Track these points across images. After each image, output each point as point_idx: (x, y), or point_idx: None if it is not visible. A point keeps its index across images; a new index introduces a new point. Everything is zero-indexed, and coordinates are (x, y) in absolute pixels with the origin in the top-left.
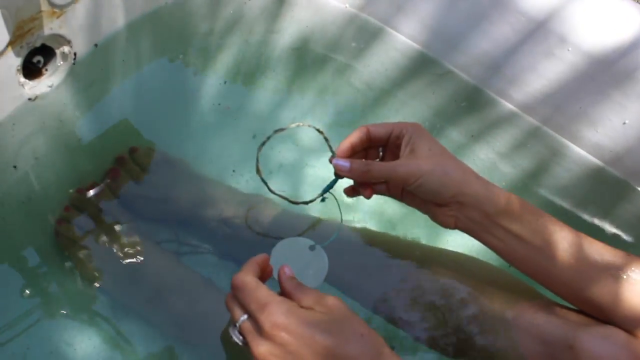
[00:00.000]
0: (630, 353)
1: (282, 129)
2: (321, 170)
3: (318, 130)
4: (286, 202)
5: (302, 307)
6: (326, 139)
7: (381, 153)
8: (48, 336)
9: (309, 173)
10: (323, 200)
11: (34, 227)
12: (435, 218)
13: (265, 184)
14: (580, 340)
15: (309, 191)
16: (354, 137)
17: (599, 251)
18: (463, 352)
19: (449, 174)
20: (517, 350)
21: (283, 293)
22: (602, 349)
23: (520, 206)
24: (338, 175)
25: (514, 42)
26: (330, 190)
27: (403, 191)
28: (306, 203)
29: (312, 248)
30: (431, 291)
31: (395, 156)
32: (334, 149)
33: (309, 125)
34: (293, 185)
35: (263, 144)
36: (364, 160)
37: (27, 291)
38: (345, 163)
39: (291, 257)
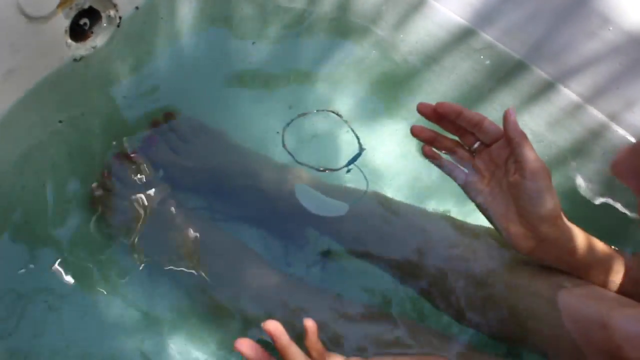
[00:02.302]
0: None
1: (304, 114)
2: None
3: (338, 115)
4: (321, 174)
5: None
6: (347, 122)
7: (477, 145)
8: (81, 291)
9: (344, 145)
10: (348, 171)
11: (71, 186)
12: (513, 239)
13: (292, 155)
14: (614, 320)
15: (343, 163)
16: (446, 105)
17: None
18: (509, 333)
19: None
20: (558, 329)
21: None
22: (634, 328)
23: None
24: (362, 149)
25: (557, 19)
26: (356, 163)
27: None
28: (332, 170)
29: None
30: (470, 269)
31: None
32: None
33: (331, 111)
34: (328, 156)
35: (288, 124)
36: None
37: (64, 250)
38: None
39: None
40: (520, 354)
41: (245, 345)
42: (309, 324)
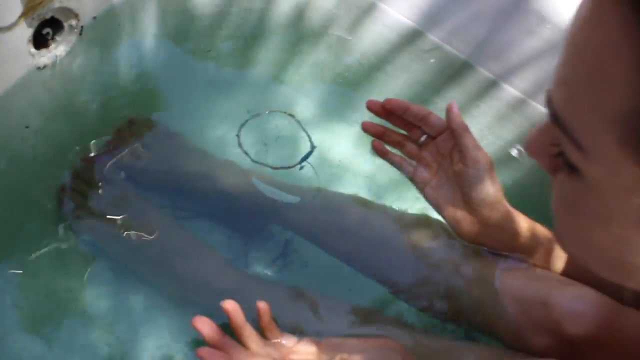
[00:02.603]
0: (598, 309)
1: (257, 115)
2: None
3: (290, 115)
4: (280, 173)
5: None
6: (299, 122)
7: (423, 138)
8: (49, 298)
9: (299, 144)
10: (301, 168)
11: (39, 190)
12: (458, 225)
13: (248, 155)
14: (553, 297)
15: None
16: (394, 101)
17: None
18: (455, 315)
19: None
20: (501, 310)
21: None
22: (573, 305)
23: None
24: (313, 147)
25: (498, 19)
26: (308, 160)
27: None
28: (285, 168)
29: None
30: (422, 257)
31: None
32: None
33: (283, 112)
34: (284, 155)
35: (242, 125)
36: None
37: (30, 253)
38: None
39: None
40: (474, 336)
41: (201, 322)
42: (261, 305)
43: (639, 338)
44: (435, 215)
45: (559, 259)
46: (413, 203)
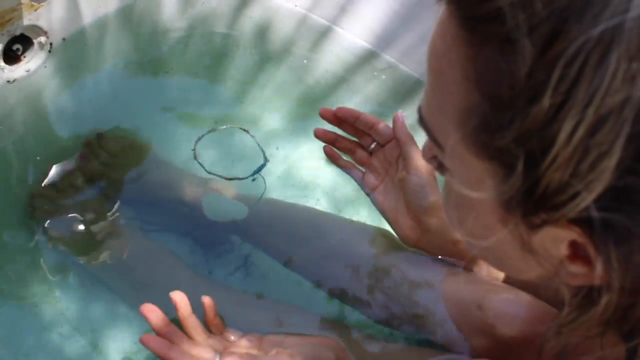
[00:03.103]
0: (530, 312)
1: (213, 129)
2: (277, 157)
3: (245, 130)
4: (240, 184)
5: None
6: (253, 137)
7: (373, 145)
8: (17, 303)
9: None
10: (254, 179)
11: (10, 199)
12: (400, 229)
13: (202, 166)
14: (487, 301)
15: (259, 180)
16: (345, 109)
17: None
18: (399, 320)
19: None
20: (441, 314)
21: None
22: (506, 308)
23: None
24: (266, 160)
25: None
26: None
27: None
28: (239, 179)
29: None
30: (370, 265)
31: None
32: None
33: (238, 127)
34: (246, 170)
35: (199, 139)
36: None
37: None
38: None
39: None
40: (416, 340)
41: (149, 309)
42: (206, 300)
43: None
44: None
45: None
46: (368, 217)
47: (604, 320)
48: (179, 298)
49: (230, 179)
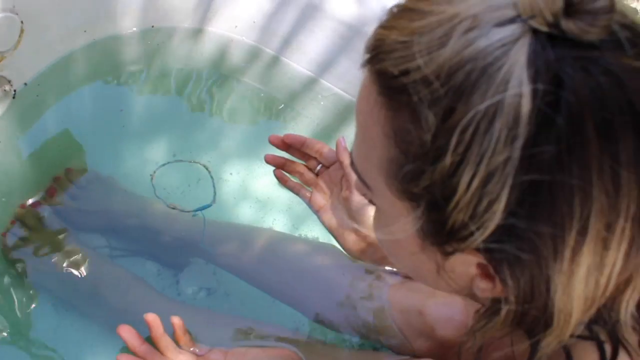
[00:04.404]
0: (465, 314)
1: (167, 163)
2: (230, 183)
3: (205, 168)
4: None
5: None
6: (212, 178)
7: (319, 167)
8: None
9: (223, 188)
10: (194, 215)
11: None
12: (346, 243)
13: (162, 200)
14: (427, 307)
15: (219, 203)
16: (292, 136)
17: None
18: (353, 327)
19: None
20: (388, 320)
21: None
22: (443, 312)
23: None
24: (213, 203)
25: None
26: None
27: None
28: (181, 210)
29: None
30: (325, 279)
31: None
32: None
33: (201, 164)
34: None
35: (154, 172)
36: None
37: None
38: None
39: None
40: (373, 346)
41: (125, 330)
42: (175, 319)
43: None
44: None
45: None
46: (324, 233)
47: (507, 323)
48: (152, 319)
49: (173, 208)
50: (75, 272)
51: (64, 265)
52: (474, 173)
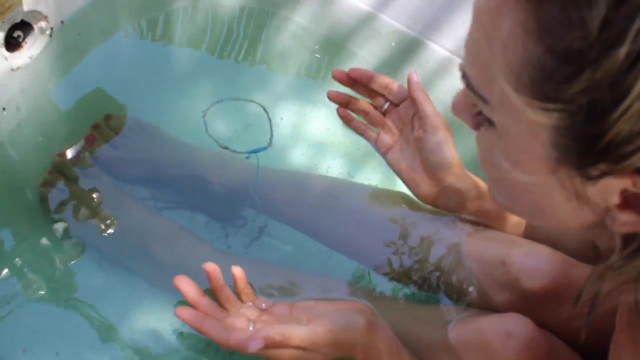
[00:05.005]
0: (551, 264)
1: (222, 100)
2: (281, 129)
3: (263, 108)
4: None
5: None
6: (270, 120)
7: (386, 106)
8: (40, 287)
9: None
10: (248, 157)
11: (18, 190)
12: (417, 188)
13: (214, 139)
14: (510, 256)
15: (271, 150)
16: (358, 70)
17: None
18: (424, 280)
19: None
20: (467, 271)
21: None
22: (528, 262)
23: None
24: (269, 146)
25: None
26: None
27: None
28: (234, 152)
29: None
30: (390, 229)
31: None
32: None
33: (258, 104)
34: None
35: (207, 109)
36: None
37: (17, 253)
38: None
39: None
40: (434, 299)
41: (183, 281)
42: (236, 270)
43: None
44: (403, 188)
45: (515, 221)
46: (382, 181)
47: None
48: (212, 269)
49: (224, 148)
50: (119, 224)
51: (106, 217)
52: None
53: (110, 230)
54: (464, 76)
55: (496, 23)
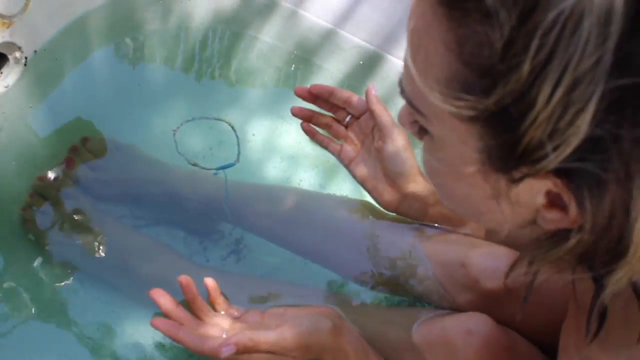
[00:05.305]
0: (509, 264)
1: (192, 119)
2: (252, 144)
3: (230, 126)
4: (220, 174)
5: None
6: (237, 138)
7: (348, 118)
8: (25, 308)
9: (246, 149)
10: (216, 173)
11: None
12: (380, 197)
13: (183, 156)
14: (470, 258)
15: (244, 164)
16: (319, 86)
17: None
18: (389, 285)
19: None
20: (429, 273)
21: None
22: (487, 263)
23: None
24: (236, 162)
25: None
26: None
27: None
28: (203, 168)
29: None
30: (357, 237)
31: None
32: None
33: (226, 122)
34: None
35: (177, 128)
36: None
37: (2, 276)
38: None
39: None
40: (404, 302)
41: (158, 293)
42: (209, 281)
43: (549, 287)
44: (368, 198)
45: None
46: (352, 191)
47: (574, 254)
48: (185, 281)
49: (194, 165)
50: (97, 243)
51: (87, 237)
52: (557, 81)
53: (97, 249)
54: (402, 91)
55: (423, 42)
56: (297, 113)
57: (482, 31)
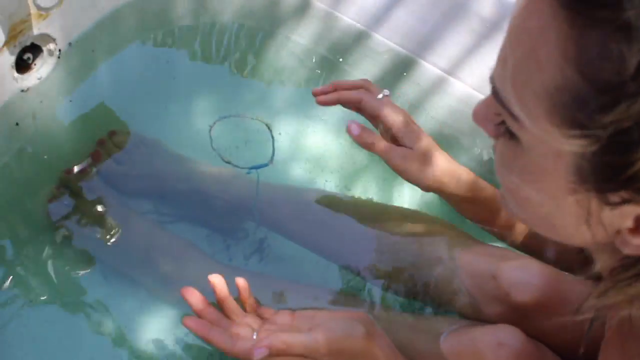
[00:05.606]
0: (541, 278)
1: (229, 116)
2: (279, 143)
3: (267, 126)
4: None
5: None
6: (273, 138)
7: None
8: (46, 297)
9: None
10: (249, 172)
11: (26, 205)
12: (414, 174)
13: (218, 153)
14: (501, 271)
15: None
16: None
17: None
18: (417, 293)
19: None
20: (458, 285)
21: None
22: (518, 276)
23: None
24: (270, 162)
25: (443, 20)
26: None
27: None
28: (236, 166)
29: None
30: (384, 243)
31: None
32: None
33: (263, 122)
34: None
35: (214, 124)
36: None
37: (22, 267)
38: (356, 130)
39: None
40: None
41: (189, 292)
42: (240, 281)
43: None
44: (396, 203)
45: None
46: (376, 193)
47: None
48: (217, 280)
49: (227, 162)
50: (124, 238)
51: (112, 231)
52: None
53: (114, 240)
54: (494, 89)
55: (535, 45)
56: (323, 101)
57: (613, 44)
